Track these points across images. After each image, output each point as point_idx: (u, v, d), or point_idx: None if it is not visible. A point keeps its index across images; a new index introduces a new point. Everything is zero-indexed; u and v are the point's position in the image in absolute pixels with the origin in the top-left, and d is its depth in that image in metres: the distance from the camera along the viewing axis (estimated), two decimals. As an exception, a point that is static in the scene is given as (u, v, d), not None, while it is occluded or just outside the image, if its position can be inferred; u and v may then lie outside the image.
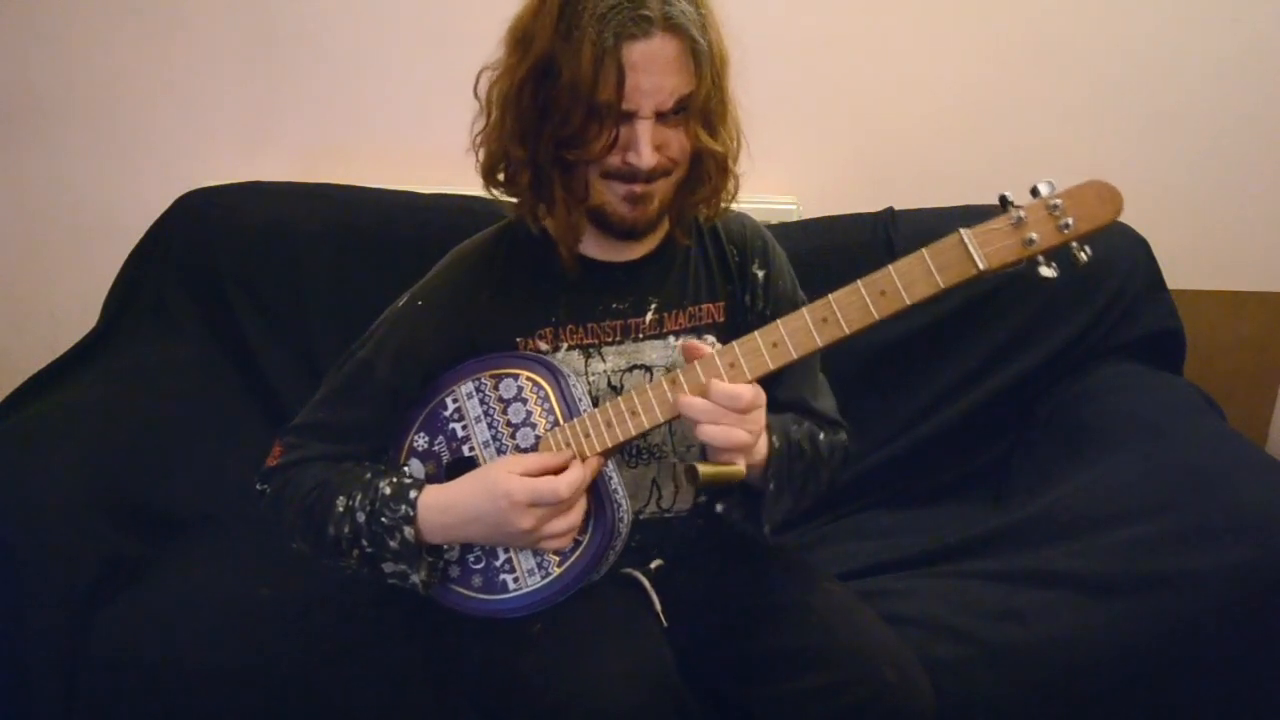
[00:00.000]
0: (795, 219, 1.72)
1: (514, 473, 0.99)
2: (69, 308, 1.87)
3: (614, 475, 1.04)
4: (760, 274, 1.17)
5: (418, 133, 1.80)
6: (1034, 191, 0.86)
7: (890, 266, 0.88)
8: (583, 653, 1.01)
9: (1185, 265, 1.75)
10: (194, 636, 1.21)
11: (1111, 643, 1.14)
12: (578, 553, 1.03)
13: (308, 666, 1.18)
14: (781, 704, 1.04)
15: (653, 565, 1.17)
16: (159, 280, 1.63)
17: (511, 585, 1.05)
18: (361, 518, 1.03)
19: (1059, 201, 0.84)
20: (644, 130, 0.98)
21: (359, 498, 1.04)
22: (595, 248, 1.11)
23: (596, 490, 1.03)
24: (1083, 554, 1.21)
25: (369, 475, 1.06)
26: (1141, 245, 1.61)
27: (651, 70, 0.96)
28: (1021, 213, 0.85)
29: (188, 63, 1.81)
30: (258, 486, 1.12)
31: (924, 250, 0.87)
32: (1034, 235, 0.84)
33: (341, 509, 1.04)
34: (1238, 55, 1.73)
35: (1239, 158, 1.79)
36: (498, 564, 1.06)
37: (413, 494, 1.03)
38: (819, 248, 1.56)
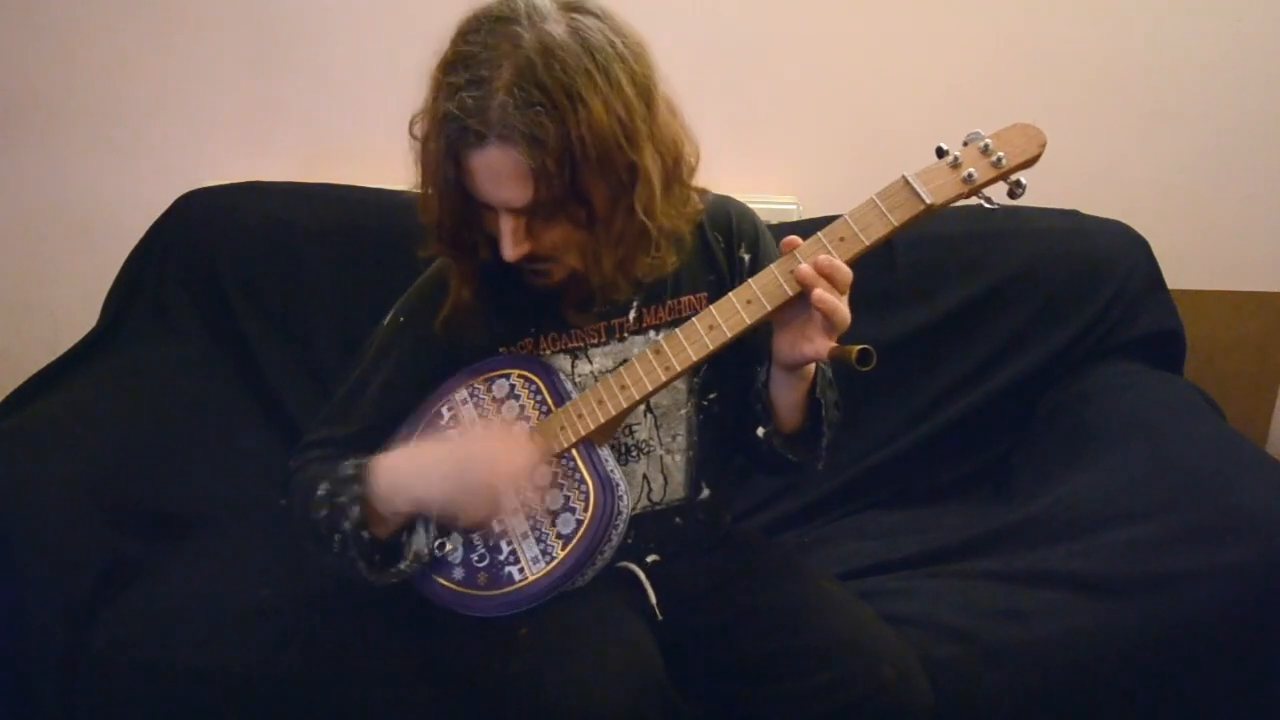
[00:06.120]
0: (795, 219, 1.72)
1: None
2: (69, 308, 1.87)
3: (609, 458, 1.06)
4: (747, 258, 1.18)
5: (418, 133, 1.80)
6: (965, 141, 0.97)
7: (845, 215, 0.97)
8: (571, 654, 1.01)
9: (1185, 265, 1.75)
10: (194, 636, 1.21)
11: (1111, 643, 1.14)
12: (580, 533, 1.03)
13: (308, 666, 1.18)
14: (779, 702, 1.04)
15: (649, 560, 1.17)
16: (159, 280, 1.63)
17: (517, 577, 1.05)
18: (329, 496, 1.05)
19: (989, 142, 0.95)
20: (504, 224, 0.97)
21: (330, 483, 1.06)
22: None
23: (595, 471, 1.04)
24: (1083, 554, 1.21)
25: (347, 467, 1.07)
26: (1141, 245, 1.61)
27: (487, 179, 0.94)
28: (958, 154, 0.95)
29: (188, 62, 1.81)
30: (281, 502, 1.14)
31: (874, 196, 0.97)
32: (971, 171, 0.95)
33: (321, 493, 1.06)
34: (1238, 55, 1.73)
35: (1239, 158, 1.79)
36: (501, 558, 1.06)
37: (365, 471, 1.05)
38: (819, 247, 1.56)
